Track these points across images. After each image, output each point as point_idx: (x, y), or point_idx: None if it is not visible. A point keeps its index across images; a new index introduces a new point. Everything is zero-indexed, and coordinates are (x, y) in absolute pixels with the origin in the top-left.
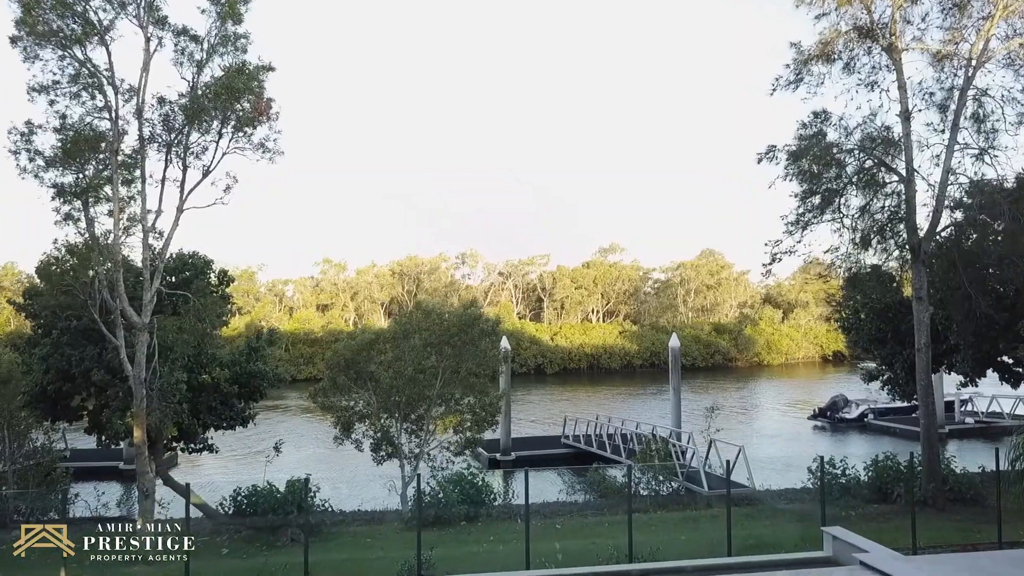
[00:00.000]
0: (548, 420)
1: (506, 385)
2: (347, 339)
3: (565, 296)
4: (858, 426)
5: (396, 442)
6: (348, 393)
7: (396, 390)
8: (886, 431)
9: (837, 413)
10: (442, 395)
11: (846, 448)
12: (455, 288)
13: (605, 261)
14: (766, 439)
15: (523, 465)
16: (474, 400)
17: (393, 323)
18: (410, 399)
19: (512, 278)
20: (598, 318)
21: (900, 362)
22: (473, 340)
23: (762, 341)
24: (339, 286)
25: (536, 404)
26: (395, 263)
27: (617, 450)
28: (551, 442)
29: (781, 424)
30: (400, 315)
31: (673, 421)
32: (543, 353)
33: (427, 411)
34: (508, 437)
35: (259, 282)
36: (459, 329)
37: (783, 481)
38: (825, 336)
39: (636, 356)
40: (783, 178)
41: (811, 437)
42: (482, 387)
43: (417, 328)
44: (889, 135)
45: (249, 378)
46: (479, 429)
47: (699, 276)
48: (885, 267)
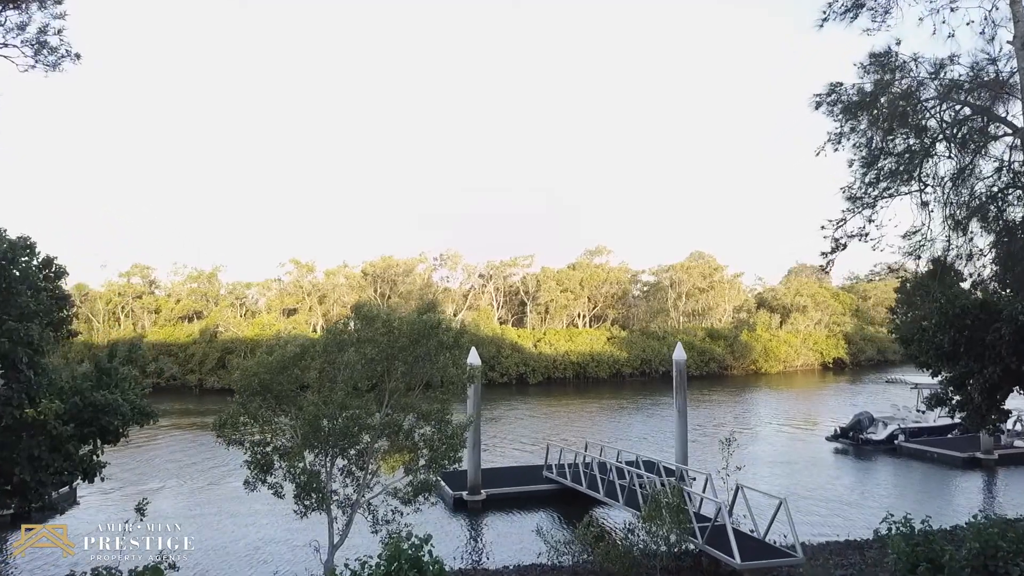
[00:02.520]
0: (529, 444)
1: (475, 408)
2: (264, 354)
3: (550, 300)
4: (886, 449)
5: (324, 489)
6: (265, 423)
7: (326, 419)
8: (920, 456)
9: (862, 434)
10: (389, 425)
11: (876, 475)
12: (432, 291)
13: (592, 263)
14: (781, 465)
15: (496, 506)
16: (431, 431)
17: (326, 332)
18: (344, 430)
19: (493, 280)
20: (585, 323)
21: (978, 384)
22: (430, 354)
23: (759, 348)
24: (305, 288)
25: (516, 422)
26: (367, 264)
27: (613, 490)
28: (531, 475)
29: (795, 446)
30: (337, 321)
31: (679, 451)
32: (525, 361)
33: (368, 446)
34: (477, 471)
35: (221, 284)
36: (411, 340)
37: (822, 526)
38: (825, 342)
39: (626, 364)
40: (836, 139)
41: (833, 463)
42: (441, 414)
43: (355, 339)
44: (998, 73)
45: (94, 413)
46: (438, 468)
47: (691, 278)
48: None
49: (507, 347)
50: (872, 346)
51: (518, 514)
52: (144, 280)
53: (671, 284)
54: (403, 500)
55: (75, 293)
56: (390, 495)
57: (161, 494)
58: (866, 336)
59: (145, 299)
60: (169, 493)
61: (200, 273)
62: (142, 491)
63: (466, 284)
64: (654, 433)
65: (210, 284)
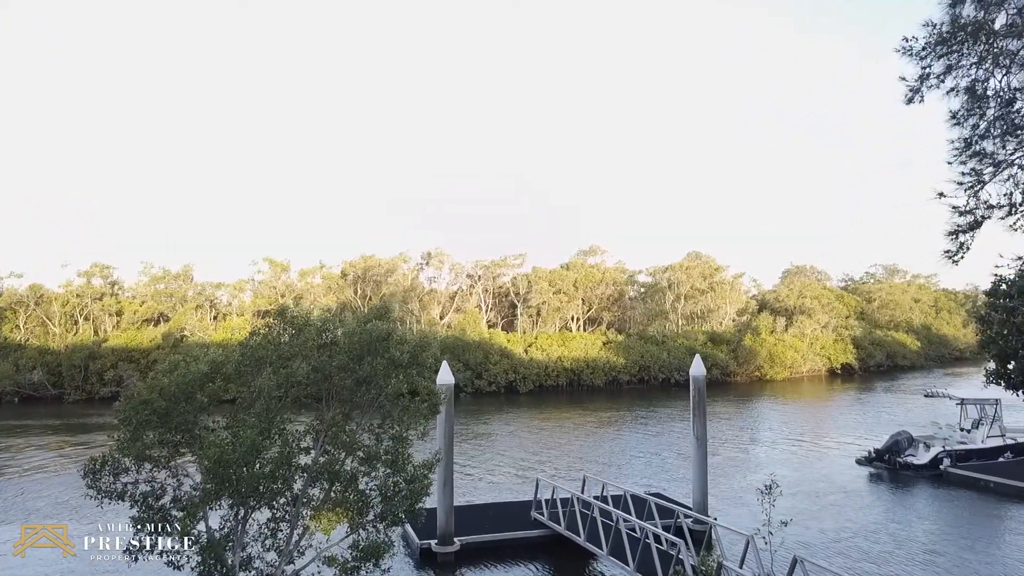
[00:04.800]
0: (515, 468)
1: (445, 438)
2: (165, 372)
3: (542, 302)
4: (930, 475)
5: (231, 558)
6: (159, 464)
7: (233, 462)
8: (971, 484)
9: (900, 456)
10: (324, 469)
11: (924, 509)
12: (416, 292)
13: (585, 263)
14: (808, 497)
15: (472, 559)
16: (384, 472)
17: (240, 346)
18: (257, 479)
19: (482, 281)
20: (579, 327)
21: None
22: (376, 376)
23: (764, 353)
24: (278, 290)
25: (502, 439)
26: (347, 264)
27: (620, 545)
28: (517, 516)
29: (820, 469)
30: (255, 331)
31: (697, 491)
32: (515, 368)
33: (298, 497)
34: (449, 515)
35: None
36: (352, 357)
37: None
38: (833, 347)
39: (623, 371)
40: (939, 79)
41: (869, 491)
42: (396, 452)
43: (275, 355)
44: None
45: None
46: (392, 522)
47: (690, 279)
48: None
49: (496, 353)
50: (881, 351)
51: (500, 570)
52: (105, 280)
53: (669, 285)
54: (344, 570)
55: (29, 294)
56: (326, 564)
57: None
58: (875, 340)
59: (106, 301)
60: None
61: (166, 273)
62: None
63: (453, 285)
64: (662, 455)
65: (178, 284)
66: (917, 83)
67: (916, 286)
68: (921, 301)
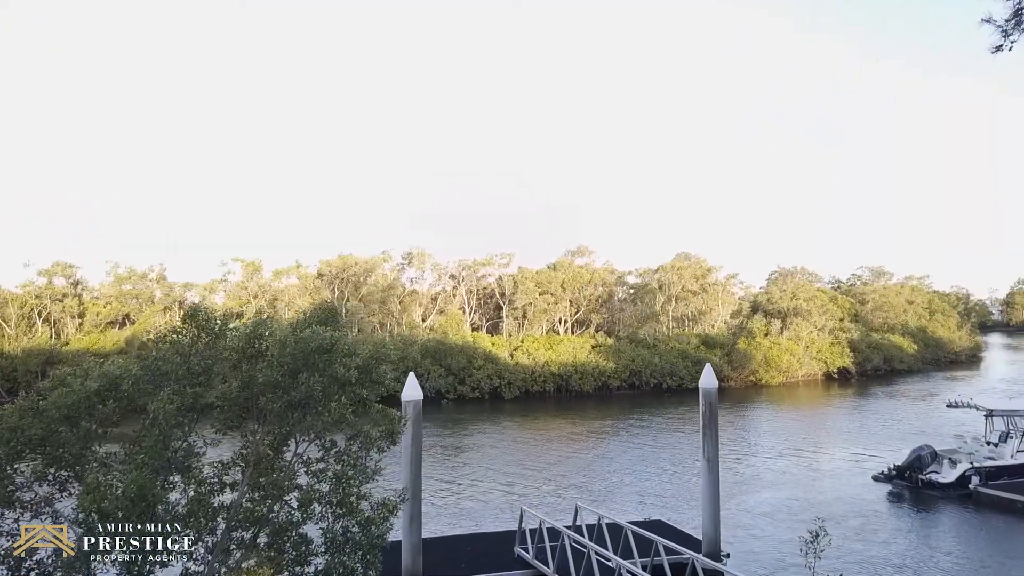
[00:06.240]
0: (499, 488)
1: (410, 466)
2: (48, 388)
3: (528, 303)
4: (957, 495)
5: None
6: (34, 511)
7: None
8: (1005, 507)
9: (923, 473)
10: (249, 514)
11: (952, 533)
12: (396, 293)
13: (573, 263)
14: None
15: None
16: (332, 516)
17: (139, 359)
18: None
19: (465, 282)
20: (566, 329)
21: None
22: (313, 398)
23: (759, 357)
24: (250, 291)
25: (483, 452)
26: (323, 263)
27: None
28: (497, 550)
29: (834, 487)
30: (159, 337)
31: (708, 521)
32: (500, 373)
33: (216, 546)
34: (416, 554)
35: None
36: (285, 373)
37: None
38: (829, 350)
39: (612, 376)
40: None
41: (893, 514)
42: (345, 491)
43: (183, 368)
44: None
45: None
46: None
47: (681, 280)
48: None
49: (480, 357)
50: (878, 354)
51: None
52: (68, 280)
53: (660, 286)
54: None
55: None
56: None
57: None
58: (871, 343)
59: (68, 302)
60: None
61: (132, 272)
62: None
63: (436, 286)
64: (659, 472)
65: (144, 285)
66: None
67: (909, 288)
68: (915, 303)
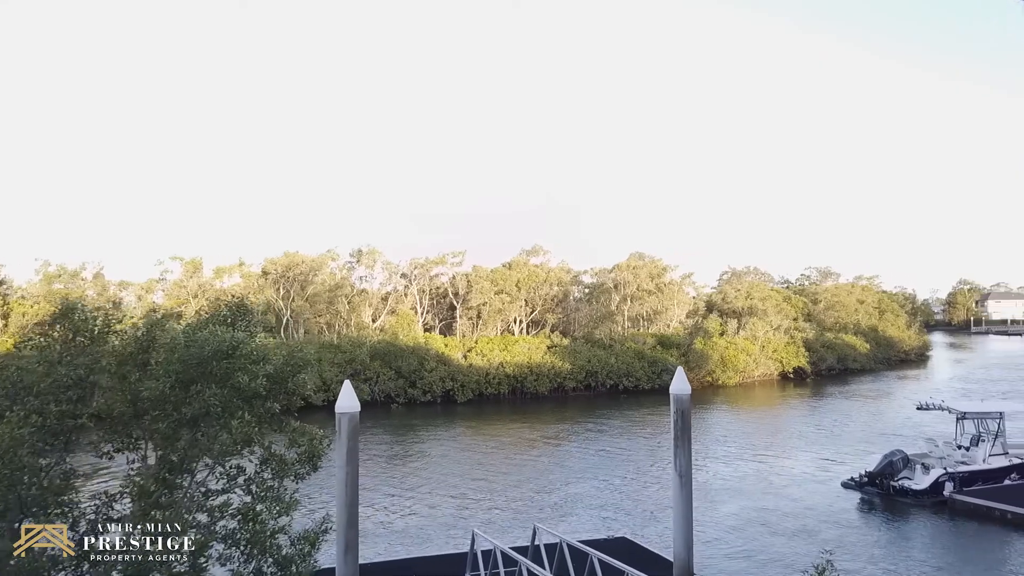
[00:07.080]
0: (449, 500)
1: (348, 486)
2: None
3: (482, 303)
4: (932, 502)
5: None
6: None
7: None
8: (981, 515)
9: (895, 480)
10: (135, 559)
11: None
12: (344, 292)
13: (528, 262)
14: (803, 537)
15: None
16: (240, 554)
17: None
18: None
19: (417, 281)
20: (521, 329)
21: None
22: (211, 415)
23: (716, 357)
24: (190, 290)
25: (434, 464)
26: (268, 261)
27: None
28: (444, 575)
29: (803, 494)
30: (22, 340)
31: (680, 540)
32: (453, 376)
33: None
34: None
35: (90, 284)
36: (174, 384)
37: None
38: (785, 350)
39: (568, 377)
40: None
41: (860, 524)
42: (254, 526)
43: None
44: None
45: None
46: None
47: (636, 280)
48: None
49: (432, 359)
50: (832, 353)
51: None
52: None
53: (615, 286)
54: None
55: None
56: None
57: None
58: (826, 343)
59: None
60: None
61: (62, 270)
62: None
63: (387, 285)
64: (619, 480)
65: (76, 284)
66: None
67: (860, 287)
68: (866, 302)
